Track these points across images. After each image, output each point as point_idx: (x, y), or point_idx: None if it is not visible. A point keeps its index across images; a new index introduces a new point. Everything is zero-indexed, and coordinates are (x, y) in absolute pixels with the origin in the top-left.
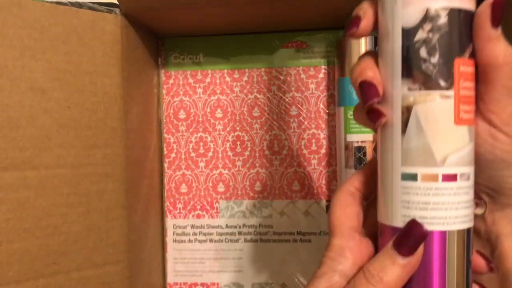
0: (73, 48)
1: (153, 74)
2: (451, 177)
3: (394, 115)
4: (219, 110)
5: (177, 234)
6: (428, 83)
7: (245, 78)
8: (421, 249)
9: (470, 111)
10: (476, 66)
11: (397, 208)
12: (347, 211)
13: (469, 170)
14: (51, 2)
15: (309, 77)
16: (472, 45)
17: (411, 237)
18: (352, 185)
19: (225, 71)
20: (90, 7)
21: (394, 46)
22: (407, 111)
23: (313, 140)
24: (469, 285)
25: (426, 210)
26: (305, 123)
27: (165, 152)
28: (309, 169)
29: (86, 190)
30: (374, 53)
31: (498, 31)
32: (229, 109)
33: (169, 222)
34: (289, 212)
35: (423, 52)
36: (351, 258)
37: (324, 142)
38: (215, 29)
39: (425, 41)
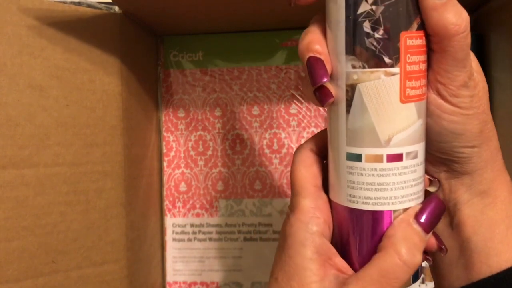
0: (72, 46)
1: (152, 72)
2: (397, 157)
3: (339, 93)
4: (218, 108)
5: (177, 233)
6: (372, 60)
7: (244, 77)
8: None
9: (419, 87)
10: (427, 35)
11: (344, 188)
12: (312, 169)
13: (417, 147)
14: (50, 0)
15: None
16: (420, 15)
17: (437, 215)
18: (314, 144)
19: (225, 69)
20: (89, 5)
21: (339, 18)
22: (351, 89)
23: None
24: None
25: (371, 191)
26: (305, 121)
27: (164, 150)
28: None
29: (85, 188)
30: (322, 19)
31: None
32: (228, 108)
33: (169, 220)
34: None
35: (366, 27)
36: (322, 217)
37: None
38: (215, 27)
39: (369, 14)
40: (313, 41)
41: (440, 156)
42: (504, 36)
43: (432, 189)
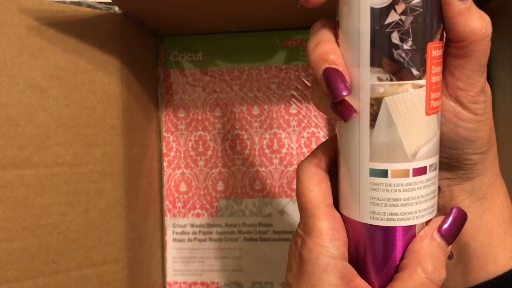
0: (72, 46)
1: (152, 72)
2: (421, 171)
3: (361, 107)
4: (218, 108)
5: (177, 233)
6: (400, 73)
7: (244, 77)
8: None
9: (439, 98)
10: (447, 42)
11: (365, 205)
12: (323, 187)
13: (436, 159)
14: (50, 0)
15: (309, 75)
16: (442, 25)
17: (459, 226)
18: (319, 158)
19: (224, 69)
20: (89, 5)
21: (361, 28)
22: (377, 103)
23: (313, 139)
24: None
25: (396, 207)
26: (305, 121)
27: (164, 150)
28: None
29: (85, 188)
30: (331, 26)
31: (468, 3)
32: (228, 108)
33: (169, 221)
34: (289, 210)
35: (395, 38)
36: (341, 239)
37: (323, 140)
38: (215, 27)
39: (398, 25)
40: (328, 51)
41: (449, 163)
42: (504, 36)
43: None
